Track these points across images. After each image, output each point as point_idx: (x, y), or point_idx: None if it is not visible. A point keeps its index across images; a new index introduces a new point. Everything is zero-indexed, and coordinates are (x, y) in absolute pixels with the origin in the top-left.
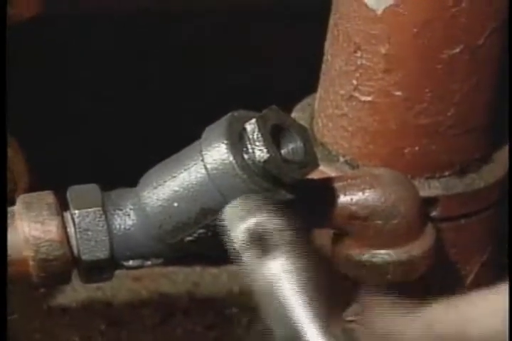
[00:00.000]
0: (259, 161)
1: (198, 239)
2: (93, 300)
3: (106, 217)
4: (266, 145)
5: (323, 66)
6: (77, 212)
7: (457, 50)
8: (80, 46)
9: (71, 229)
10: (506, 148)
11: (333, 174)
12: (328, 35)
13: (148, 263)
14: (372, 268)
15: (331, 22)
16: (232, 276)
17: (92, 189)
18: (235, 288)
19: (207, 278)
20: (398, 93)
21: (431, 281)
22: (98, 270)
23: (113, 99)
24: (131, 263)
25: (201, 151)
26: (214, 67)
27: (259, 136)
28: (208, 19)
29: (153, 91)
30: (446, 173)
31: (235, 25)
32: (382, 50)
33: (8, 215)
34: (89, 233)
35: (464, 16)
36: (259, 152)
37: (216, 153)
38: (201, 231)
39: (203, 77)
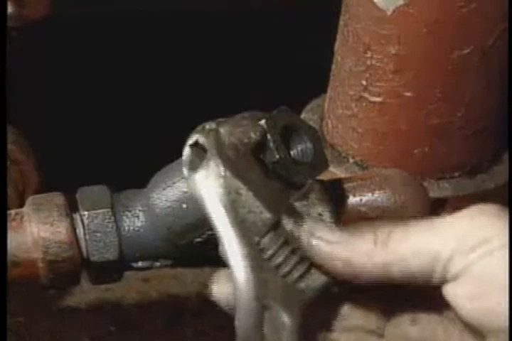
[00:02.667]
0: (268, 162)
1: (207, 241)
2: (102, 302)
3: (115, 219)
4: (275, 146)
5: (333, 67)
6: (86, 213)
7: (467, 50)
8: (86, 46)
9: (80, 231)
10: None
11: (342, 175)
12: (338, 36)
13: (158, 264)
14: None
15: (341, 23)
16: None
17: (101, 190)
18: None
19: None
20: (408, 93)
21: None
22: (107, 271)
23: (124, 99)
24: (140, 264)
25: None
26: (221, 67)
27: (269, 137)
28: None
29: (165, 91)
30: (457, 174)
31: (243, 24)
32: (392, 51)
33: (17, 216)
34: (99, 234)
35: (474, 17)
36: (269, 153)
37: None
38: (210, 232)
39: (214, 77)
